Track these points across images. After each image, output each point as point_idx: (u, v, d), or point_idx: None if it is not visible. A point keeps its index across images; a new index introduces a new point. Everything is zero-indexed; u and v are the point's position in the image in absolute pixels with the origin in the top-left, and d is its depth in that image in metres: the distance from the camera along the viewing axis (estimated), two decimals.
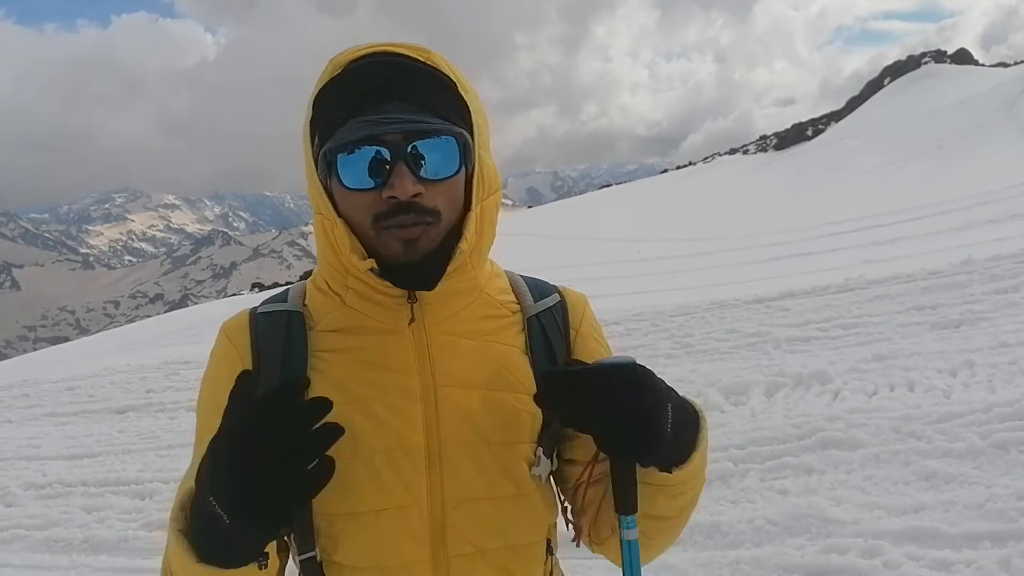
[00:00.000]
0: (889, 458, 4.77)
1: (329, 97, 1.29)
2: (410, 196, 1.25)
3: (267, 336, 1.40)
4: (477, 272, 1.41)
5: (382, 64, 1.28)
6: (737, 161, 62.21)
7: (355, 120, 1.25)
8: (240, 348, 1.41)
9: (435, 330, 1.38)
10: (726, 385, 6.56)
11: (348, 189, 1.28)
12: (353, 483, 1.33)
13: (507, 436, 1.38)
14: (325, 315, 1.41)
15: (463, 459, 1.36)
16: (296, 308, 1.43)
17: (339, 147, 1.26)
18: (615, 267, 20.70)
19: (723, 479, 4.97)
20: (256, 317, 1.44)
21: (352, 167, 1.26)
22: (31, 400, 11.21)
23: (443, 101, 1.29)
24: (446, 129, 1.27)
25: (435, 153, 1.27)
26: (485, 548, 1.35)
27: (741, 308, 9.79)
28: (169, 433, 8.21)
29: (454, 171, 1.29)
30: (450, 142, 1.28)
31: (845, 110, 66.44)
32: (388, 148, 1.25)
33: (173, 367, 11.92)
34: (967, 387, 5.73)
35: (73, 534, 5.77)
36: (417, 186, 1.26)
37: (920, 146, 37.75)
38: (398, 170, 1.25)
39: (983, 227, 15.80)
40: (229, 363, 1.40)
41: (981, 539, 3.77)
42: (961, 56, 69.26)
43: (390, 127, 1.24)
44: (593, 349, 1.51)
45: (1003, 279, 8.65)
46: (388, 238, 1.29)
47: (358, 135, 1.24)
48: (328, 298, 1.41)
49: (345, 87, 1.28)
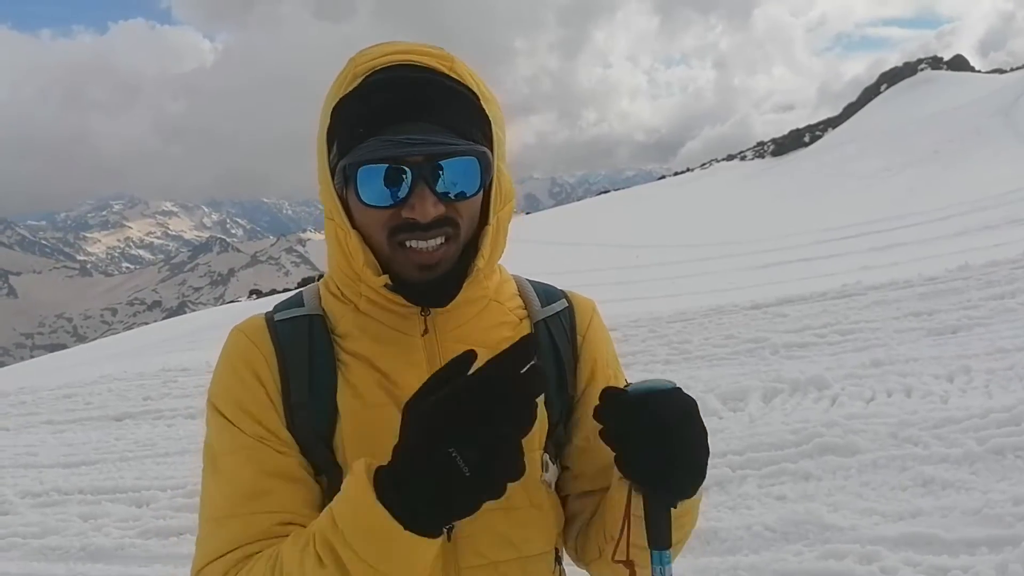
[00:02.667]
0: (886, 464, 4.78)
1: (351, 109, 1.27)
2: (430, 219, 1.24)
3: (290, 341, 1.38)
4: (489, 282, 1.42)
5: (407, 80, 1.26)
6: (735, 167, 62.28)
7: (377, 139, 1.23)
8: (264, 351, 1.37)
9: (447, 338, 1.38)
10: (724, 391, 6.56)
11: (366, 205, 1.27)
12: None
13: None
14: (341, 319, 1.40)
15: None
16: (316, 312, 1.41)
17: (360, 163, 1.24)
18: (613, 273, 20.72)
19: (721, 485, 4.97)
20: (275, 324, 1.41)
21: (372, 184, 1.24)
22: (28, 408, 11.19)
23: (466, 118, 1.28)
24: (469, 150, 1.25)
25: (457, 174, 1.26)
26: (497, 560, 1.34)
27: (739, 314, 9.81)
28: (167, 440, 8.18)
29: (475, 191, 1.28)
30: (472, 163, 1.26)
31: (842, 116, 66.54)
32: (410, 168, 1.23)
33: (171, 374, 11.90)
34: (964, 393, 5.74)
35: (70, 542, 5.76)
36: (438, 207, 1.25)
37: (917, 152, 37.81)
38: (419, 191, 1.24)
39: (980, 233, 15.83)
40: (253, 364, 1.36)
41: (978, 545, 3.77)
42: (957, 62, 69.41)
43: (413, 149, 1.22)
44: (600, 354, 1.52)
45: (1000, 285, 8.68)
46: (403, 258, 1.29)
47: (380, 155, 1.22)
48: (342, 303, 1.40)
49: (368, 102, 1.25)
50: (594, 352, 1.51)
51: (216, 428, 1.37)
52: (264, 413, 1.34)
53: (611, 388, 1.25)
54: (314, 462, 1.35)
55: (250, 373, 1.36)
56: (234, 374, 1.38)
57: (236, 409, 1.35)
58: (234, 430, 1.34)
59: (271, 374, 1.36)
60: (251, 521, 1.27)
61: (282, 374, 1.36)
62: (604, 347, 1.54)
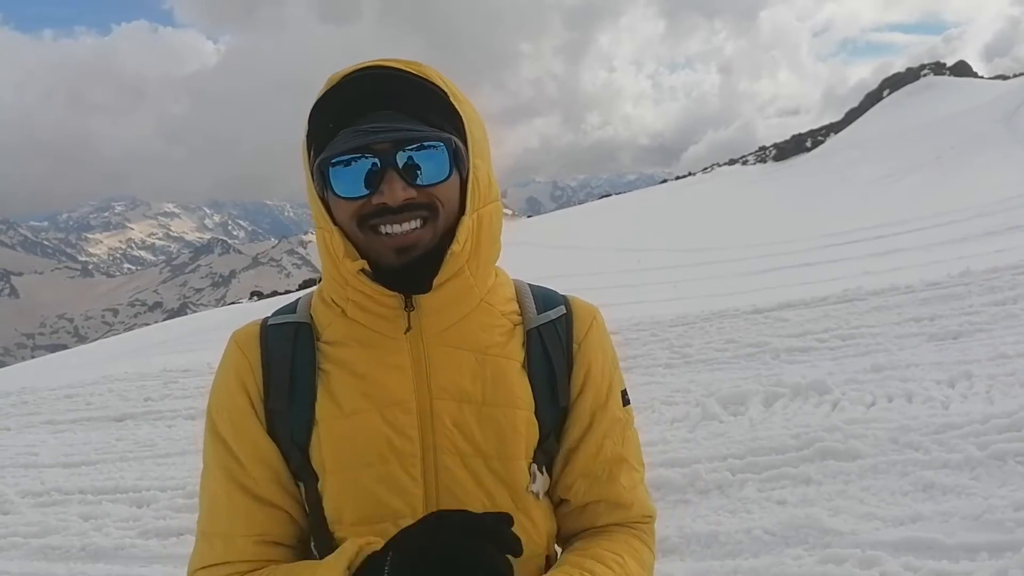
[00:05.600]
0: (887, 469, 4.77)
1: (322, 110, 1.31)
2: (400, 202, 1.27)
3: (276, 348, 1.43)
4: (477, 282, 1.41)
5: (373, 76, 1.30)
6: (736, 172, 62.29)
7: (346, 131, 1.27)
8: (251, 358, 1.43)
9: (434, 341, 1.39)
10: (724, 395, 6.55)
11: (340, 198, 1.31)
12: (351, 495, 1.35)
13: (503, 451, 1.39)
14: (327, 326, 1.42)
15: (459, 471, 1.37)
16: (304, 319, 1.45)
17: (330, 157, 1.28)
18: (614, 277, 20.71)
19: (721, 489, 4.96)
20: (267, 329, 1.46)
21: (343, 176, 1.28)
22: (29, 408, 11.18)
23: (434, 109, 1.31)
24: (434, 135, 1.28)
25: (425, 160, 1.28)
26: None
27: (740, 318, 9.79)
28: (167, 441, 8.18)
29: (444, 176, 1.30)
30: (439, 148, 1.29)
31: (844, 121, 66.56)
32: (378, 156, 1.27)
33: (171, 375, 11.90)
34: (965, 398, 5.74)
35: (70, 542, 5.75)
36: (408, 191, 1.28)
37: (919, 158, 37.80)
38: (388, 177, 1.27)
39: (982, 238, 15.82)
40: (240, 373, 1.43)
41: (978, 550, 3.76)
42: (960, 68, 69.43)
43: (379, 136, 1.25)
44: (595, 363, 1.51)
45: (1001, 291, 8.66)
46: (379, 244, 1.31)
47: (348, 145, 1.26)
48: (330, 309, 1.43)
49: (336, 99, 1.30)
50: (589, 360, 1.50)
51: (208, 440, 1.45)
52: (247, 423, 1.41)
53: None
54: (291, 467, 1.42)
55: (237, 383, 1.43)
56: (224, 386, 1.45)
57: (224, 423, 1.43)
58: (220, 447, 1.42)
59: (255, 380, 1.42)
60: (232, 542, 1.39)
61: (265, 379, 1.41)
62: (601, 356, 1.53)
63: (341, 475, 1.35)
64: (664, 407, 6.74)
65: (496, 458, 1.38)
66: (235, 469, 1.40)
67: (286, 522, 1.42)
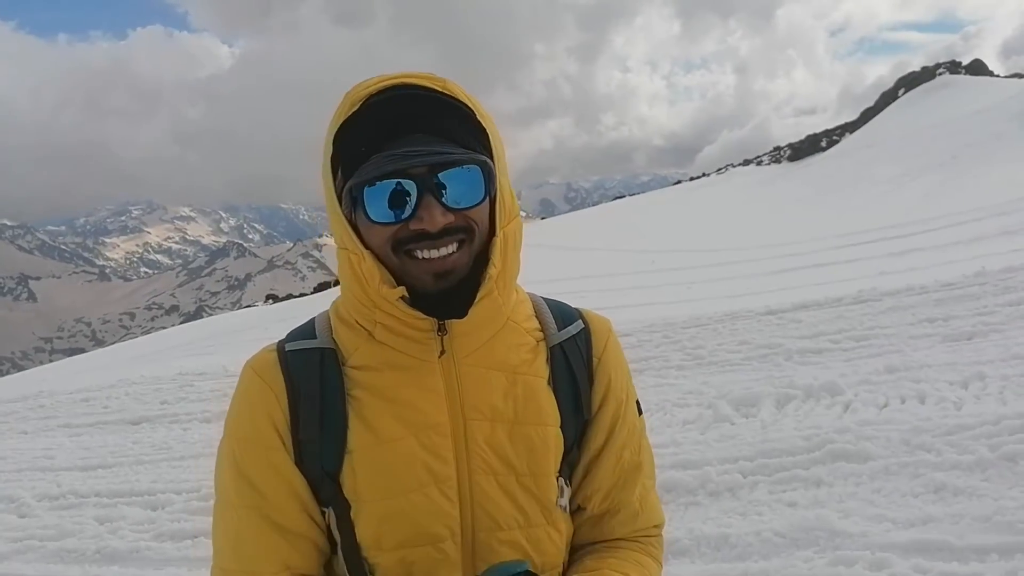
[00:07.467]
0: (898, 470, 4.76)
1: (350, 133, 1.29)
2: (440, 227, 1.26)
3: (301, 376, 1.39)
4: (504, 301, 1.41)
5: (402, 97, 1.28)
6: (750, 172, 62.01)
7: (380, 155, 1.25)
8: (275, 388, 1.39)
9: (465, 362, 1.39)
10: (737, 397, 6.55)
11: (375, 223, 1.29)
12: (390, 522, 1.35)
13: (535, 468, 1.40)
14: (354, 350, 1.40)
15: (492, 490, 1.38)
16: (327, 345, 1.42)
17: (364, 182, 1.26)
18: (628, 278, 20.66)
19: (732, 491, 4.96)
20: (286, 356, 1.42)
21: (378, 201, 1.26)
22: (46, 411, 11.27)
23: (464, 130, 1.30)
24: (470, 158, 1.27)
25: (461, 183, 1.28)
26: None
27: (753, 320, 9.76)
28: (182, 444, 8.24)
29: (480, 199, 1.30)
30: (474, 171, 1.28)
31: (860, 121, 66.14)
32: (414, 181, 1.25)
33: (187, 379, 11.96)
34: (978, 399, 5.71)
35: (86, 545, 5.80)
36: (447, 215, 1.27)
37: (934, 157, 37.53)
38: (425, 202, 1.26)
39: (997, 238, 15.69)
40: (265, 403, 1.39)
41: (989, 552, 3.75)
42: (976, 67, 68.88)
43: (415, 160, 1.23)
44: (615, 376, 1.53)
45: (1016, 291, 8.60)
46: (415, 269, 1.30)
47: (384, 170, 1.24)
48: (355, 332, 1.41)
49: (367, 122, 1.28)
50: (609, 374, 1.53)
51: (228, 476, 1.41)
52: (275, 456, 1.38)
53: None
54: (320, 497, 1.40)
55: (263, 414, 1.39)
56: (248, 419, 1.41)
57: (248, 457, 1.39)
58: (243, 484, 1.39)
59: (281, 410, 1.39)
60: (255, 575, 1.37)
61: (292, 409, 1.38)
62: (619, 369, 1.56)
63: (380, 504, 1.35)
64: (676, 409, 6.73)
65: (528, 475, 1.40)
66: (261, 504, 1.37)
67: (312, 551, 1.41)
